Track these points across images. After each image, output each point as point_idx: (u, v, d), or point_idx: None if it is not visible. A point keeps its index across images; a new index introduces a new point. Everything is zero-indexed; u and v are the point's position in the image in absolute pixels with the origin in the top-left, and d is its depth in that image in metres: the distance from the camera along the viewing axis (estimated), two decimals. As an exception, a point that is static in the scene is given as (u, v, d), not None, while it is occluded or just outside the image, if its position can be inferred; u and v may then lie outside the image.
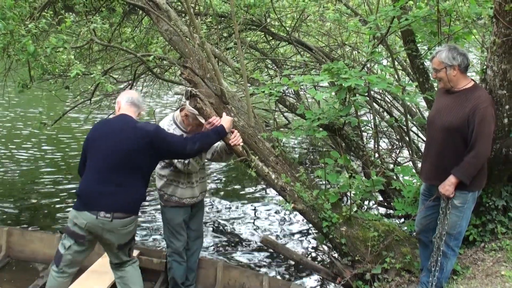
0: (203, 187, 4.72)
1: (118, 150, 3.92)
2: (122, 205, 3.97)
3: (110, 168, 3.94)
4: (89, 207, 3.92)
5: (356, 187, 4.74)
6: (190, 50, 4.77)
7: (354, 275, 4.56)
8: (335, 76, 4.47)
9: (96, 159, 3.99)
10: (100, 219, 3.91)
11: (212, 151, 4.54)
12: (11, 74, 7.19)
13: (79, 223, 3.95)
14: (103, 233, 4.00)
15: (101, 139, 3.99)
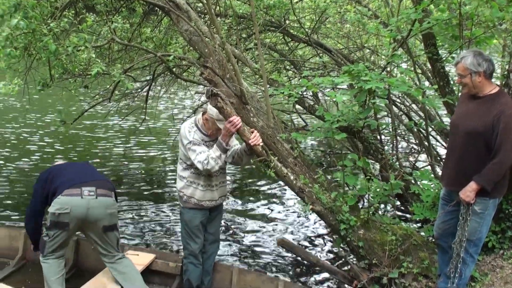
0: (223, 191, 4.70)
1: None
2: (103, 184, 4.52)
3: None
4: (72, 189, 4.34)
5: (374, 190, 4.72)
6: (210, 50, 4.77)
7: (371, 278, 4.52)
8: (355, 78, 4.45)
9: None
10: (85, 198, 4.30)
11: (232, 153, 4.53)
12: (32, 73, 7.27)
13: (63, 211, 4.27)
14: (88, 214, 4.34)
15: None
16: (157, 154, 10.35)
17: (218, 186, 4.62)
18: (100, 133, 11.38)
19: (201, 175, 4.50)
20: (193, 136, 4.41)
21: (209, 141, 4.43)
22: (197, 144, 4.37)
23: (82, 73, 7.21)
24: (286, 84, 5.22)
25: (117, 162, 9.62)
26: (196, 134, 4.41)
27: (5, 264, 5.30)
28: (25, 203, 7.24)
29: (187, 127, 4.47)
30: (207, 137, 4.44)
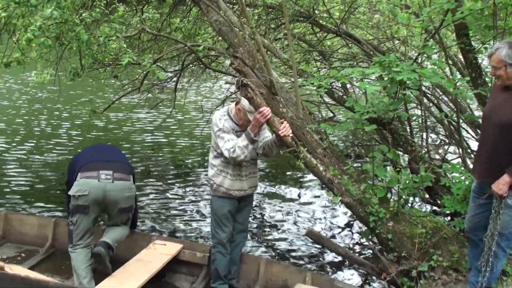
0: (253, 182, 4.71)
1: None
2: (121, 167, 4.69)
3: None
4: (90, 172, 4.53)
5: (404, 182, 4.68)
6: (240, 40, 4.77)
7: (400, 271, 4.49)
8: (386, 69, 4.40)
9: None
10: (101, 181, 4.45)
11: (263, 144, 4.53)
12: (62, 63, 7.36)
13: (82, 193, 4.43)
14: (105, 196, 4.51)
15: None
16: (185, 145, 10.41)
17: (248, 177, 4.63)
18: (128, 125, 11.49)
19: (230, 164, 4.52)
20: (223, 124, 4.45)
21: (239, 131, 4.45)
22: (226, 132, 4.41)
23: (112, 63, 7.27)
24: (316, 75, 5.19)
25: (146, 154, 9.70)
26: (226, 123, 4.45)
27: (35, 252, 5.40)
28: (53, 193, 7.38)
29: (218, 115, 4.52)
30: (238, 127, 4.47)
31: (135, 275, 4.57)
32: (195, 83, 10.56)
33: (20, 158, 8.90)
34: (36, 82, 7.00)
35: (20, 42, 6.55)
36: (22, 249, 5.49)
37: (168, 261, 4.94)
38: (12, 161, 8.69)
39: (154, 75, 5.23)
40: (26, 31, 5.24)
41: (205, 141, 10.27)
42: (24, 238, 5.56)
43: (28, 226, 5.58)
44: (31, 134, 10.39)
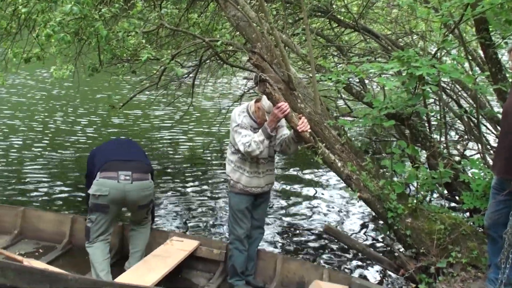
0: (270, 179, 4.73)
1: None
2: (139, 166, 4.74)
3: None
4: (109, 172, 4.58)
5: (423, 178, 4.65)
6: (258, 35, 4.76)
7: (418, 268, 4.47)
8: (405, 64, 4.37)
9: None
10: (121, 182, 4.52)
11: (281, 142, 4.54)
12: (81, 59, 7.42)
13: (102, 193, 4.51)
14: (125, 196, 4.58)
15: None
16: (203, 142, 10.43)
17: (265, 174, 4.64)
18: (145, 122, 11.55)
19: (247, 161, 4.54)
20: (241, 120, 4.47)
21: (257, 128, 4.45)
22: (244, 128, 4.44)
23: (130, 58, 7.31)
24: (334, 70, 5.16)
25: (163, 151, 9.75)
26: (245, 119, 4.48)
27: (53, 248, 5.46)
28: (71, 189, 7.44)
29: (238, 111, 4.55)
30: (256, 124, 4.49)
31: (154, 269, 4.61)
32: (212, 79, 10.58)
33: (37, 155, 9.01)
34: (55, 78, 7.08)
35: (39, 37, 6.63)
36: (40, 245, 5.55)
37: (185, 257, 4.96)
38: (30, 158, 8.80)
39: (173, 70, 5.23)
40: (46, 26, 5.28)
41: (222, 138, 10.30)
42: (41, 234, 5.62)
43: (45, 222, 5.64)
44: (48, 131, 10.50)
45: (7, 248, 5.34)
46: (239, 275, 4.81)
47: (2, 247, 5.30)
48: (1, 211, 5.71)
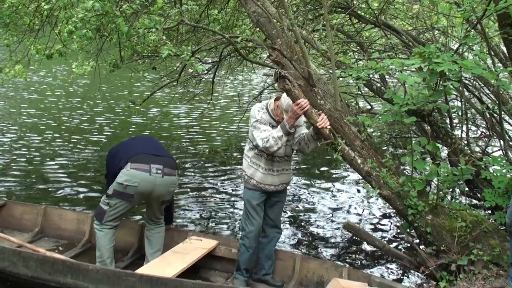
0: (285, 178, 4.72)
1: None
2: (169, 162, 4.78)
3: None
4: (141, 164, 4.60)
5: (444, 175, 4.60)
6: (278, 32, 4.76)
7: (439, 265, 4.43)
8: (426, 60, 4.33)
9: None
10: (152, 175, 4.55)
11: (299, 140, 4.54)
12: (102, 55, 7.48)
13: (131, 183, 4.53)
14: (153, 190, 4.63)
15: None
16: (222, 139, 10.46)
17: (280, 172, 4.64)
18: (164, 120, 11.60)
19: (263, 157, 4.55)
20: (261, 116, 4.49)
21: (275, 126, 4.46)
22: (263, 123, 4.46)
23: (150, 54, 7.35)
24: (354, 66, 5.14)
25: (182, 149, 9.79)
26: (264, 115, 4.49)
27: (72, 246, 5.53)
28: (90, 189, 7.50)
29: (257, 108, 4.57)
30: (274, 122, 4.50)
31: (173, 265, 4.66)
32: (232, 76, 10.59)
33: (57, 154, 9.11)
34: (77, 74, 7.14)
35: (61, 34, 6.70)
36: (59, 243, 5.63)
37: (204, 255, 4.99)
38: (50, 156, 8.90)
39: (193, 67, 5.26)
40: (68, 23, 5.33)
41: (242, 139, 10.29)
42: (61, 233, 5.70)
43: (66, 221, 5.72)
44: (67, 129, 10.58)
45: None
46: (241, 271, 4.83)
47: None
48: (23, 209, 5.81)
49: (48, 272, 4.46)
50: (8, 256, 4.58)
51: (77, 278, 4.37)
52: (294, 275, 4.92)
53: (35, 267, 4.50)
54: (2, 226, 5.75)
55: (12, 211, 5.83)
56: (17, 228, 5.76)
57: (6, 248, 4.66)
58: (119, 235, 5.02)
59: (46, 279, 4.48)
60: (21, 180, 7.77)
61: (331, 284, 4.43)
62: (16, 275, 4.59)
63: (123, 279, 4.25)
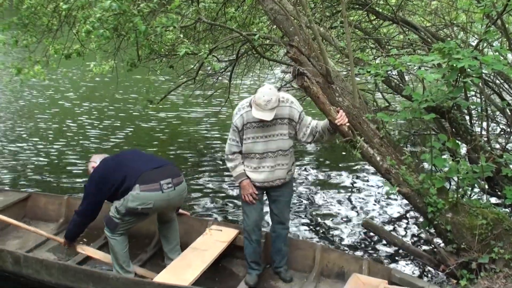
0: (281, 173, 4.59)
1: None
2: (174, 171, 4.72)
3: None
4: (150, 185, 4.46)
5: (464, 172, 4.55)
6: (296, 29, 4.75)
7: (459, 263, 4.39)
8: (446, 56, 4.28)
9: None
10: (165, 192, 4.47)
11: (312, 132, 4.49)
12: (119, 54, 7.53)
13: (146, 206, 4.45)
14: (168, 204, 4.63)
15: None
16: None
17: (275, 168, 4.54)
18: (184, 114, 11.63)
19: (247, 157, 4.55)
20: (235, 120, 4.46)
21: (257, 122, 4.41)
22: (234, 130, 4.47)
23: (168, 53, 7.37)
24: (372, 63, 5.10)
25: (201, 141, 9.83)
26: (246, 115, 4.41)
27: (98, 235, 5.58)
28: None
29: (238, 107, 4.53)
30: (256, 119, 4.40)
31: (192, 265, 4.65)
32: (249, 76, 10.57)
33: (77, 145, 9.23)
34: (95, 73, 7.20)
35: (79, 34, 6.75)
36: (85, 233, 5.64)
37: (225, 247, 5.01)
38: (71, 148, 9.00)
39: (210, 65, 5.26)
40: (86, 23, 5.38)
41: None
42: None
43: None
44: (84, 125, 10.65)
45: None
46: (249, 264, 4.85)
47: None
48: (47, 200, 5.94)
49: (70, 280, 4.55)
50: (31, 264, 4.69)
51: (98, 285, 4.44)
52: (314, 265, 4.93)
53: (57, 274, 4.60)
54: (29, 217, 5.93)
55: (36, 203, 5.95)
56: (43, 218, 5.90)
57: (29, 256, 4.79)
58: (141, 224, 4.97)
59: (69, 286, 4.57)
60: (42, 172, 7.91)
61: (351, 279, 4.40)
62: (41, 281, 4.71)
63: (142, 287, 4.32)
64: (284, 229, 4.88)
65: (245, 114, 4.42)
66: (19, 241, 5.51)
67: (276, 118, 4.36)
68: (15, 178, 7.66)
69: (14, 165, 8.20)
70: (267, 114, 4.22)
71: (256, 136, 4.45)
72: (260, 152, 4.48)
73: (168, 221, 4.99)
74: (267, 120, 4.26)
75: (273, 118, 4.32)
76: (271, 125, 4.41)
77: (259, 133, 4.44)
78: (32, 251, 5.22)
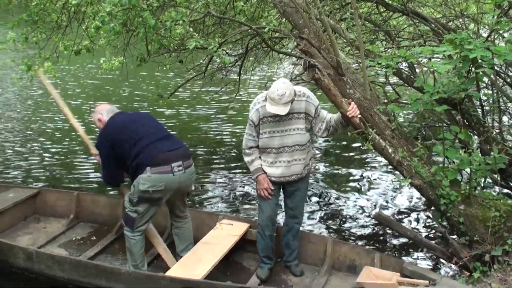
0: (298, 168, 4.56)
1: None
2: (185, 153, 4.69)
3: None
4: (161, 167, 4.43)
5: (476, 164, 4.52)
6: (305, 21, 4.72)
7: (472, 256, 4.37)
8: (458, 47, 4.25)
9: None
10: (176, 174, 4.45)
11: (326, 125, 4.47)
12: (129, 49, 7.54)
13: (157, 188, 4.41)
14: (179, 187, 4.59)
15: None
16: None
17: (292, 163, 4.52)
18: (192, 111, 11.63)
19: (266, 151, 4.53)
20: (251, 114, 4.46)
21: (273, 117, 4.39)
22: (250, 125, 4.47)
23: (177, 48, 7.37)
24: (382, 55, 5.07)
25: (211, 135, 9.83)
26: (262, 109, 4.39)
27: (107, 231, 5.61)
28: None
29: (254, 101, 4.52)
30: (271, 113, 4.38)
31: (203, 260, 4.66)
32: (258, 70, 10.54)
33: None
34: (105, 69, 7.21)
35: (89, 30, 6.76)
36: (94, 229, 5.72)
37: (236, 241, 5.01)
38: (80, 145, 9.02)
39: (220, 59, 5.26)
40: (95, 18, 5.38)
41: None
42: (96, 218, 5.80)
43: (99, 206, 5.81)
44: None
45: (65, 232, 5.62)
46: (261, 258, 4.86)
47: (60, 231, 5.60)
48: (56, 196, 5.96)
49: (83, 275, 4.57)
50: (44, 259, 4.72)
51: (110, 281, 4.46)
52: (326, 259, 4.92)
53: (69, 270, 4.62)
54: (39, 214, 5.95)
55: (46, 199, 5.97)
56: (53, 215, 5.91)
57: (41, 252, 4.82)
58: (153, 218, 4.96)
59: (81, 281, 4.60)
60: (52, 170, 7.97)
61: (363, 272, 4.39)
62: (53, 277, 4.73)
63: (155, 281, 4.33)
64: (298, 223, 4.87)
65: (260, 109, 4.40)
66: (30, 237, 5.53)
67: (292, 113, 4.35)
68: (25, 176, 7.70)
69: (24, 163, 8.24)
70: (281, 108, 4.18)
71: (273, 131, 4.43)
72: (276, 146, 4.46)
73: (181, 216, 4.97)
74: (282, 114, 4.22)
75: (289, 113, 4.30)
76: (288, 120, 4.39)
77: (276, 128, 4.42)
78: (44, 247, 5.25)
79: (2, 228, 5.54)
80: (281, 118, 4.36)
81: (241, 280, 4.74)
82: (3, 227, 5.56)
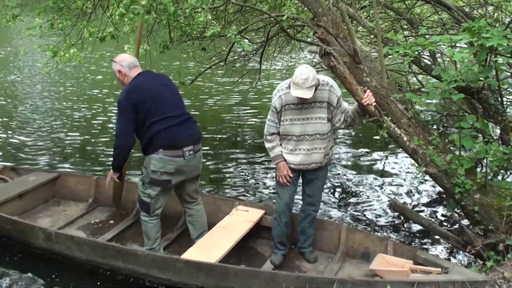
0: (317, 157, 4.60)
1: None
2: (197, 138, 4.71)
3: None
4: (174, 151, 4.50)
5: (493, 153, 4.50)
6: (324, 9, 4.74)
7: (486, 244, 4.37)
8: (475, 36, 4.23)
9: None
10: (186, 158, 4.52)
11: (345, 117, 4.50)
12: (152, 37, 7.64)
13: (168, 170, 4.48)
14: (189, 171, 4.66)
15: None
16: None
17: (312, 151, 4.56)
18: (213, 98, 11.71)
19: (284, 139, 4.59)
20: (274, 101, 4.50)
21: (297, 104, 4.44)
22: (272, 111, 4.52)
23: (199, 35, 7.44)
24: (402, 43, 5.06)
25: (230, 124, 9.90)
26: (284, 97, 4.44)
27: (126, 215, 5.77)
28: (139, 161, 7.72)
29: (278, 88, 4.55)
30: (297, 99, 4.42)
31: (219, 244, 4.74)
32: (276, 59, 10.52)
33: (104, 129, 9.47)
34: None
35: (113, 17, 6.87)
36: (112, 212, 5.87)
37: (251, 227, 5.09)
38: (101, 131, 9.22)
39: (240, 45, 5.30)
40: (119, 6, 5.47)
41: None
42: None
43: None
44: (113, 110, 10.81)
45: (83, 216, 5.79)
46: (276, 244, 4.93)
47: (79, 214, 5.76)
48: (76, 180, 6.12)
49: (101, 256, 4.70)
50: (62, 240, 4.86)
51: (127, 262, 4.59)
52: (340, 246, 4.97)
53: (88, 250, 4.75)
54: (58, 197, 6.13)
55: (66, 183, 6.14)
56: (72, 198, 6.09)
57: (60, 233, 4.97)
58: (168, 204, 5.00)
59: (99, 262, 4.75)
60: (74, 155, 8.17)
61: (377, 259, 4.43)
62: (71, 258, 4.88)
63: (170, 264, 4.44)
64: (314, 211, 4.92)
65: (283, 96, 4.45)
66: (50, 219, 5.71)
67: (315, 101, 4.40)
68: (47, 160, 7.88)
69: (46, 148, 8.45)
70: (306, 92, 4.20)
71: (294, 118, 4.48)
72: (297, 134, 4.51)
73: (194, 201, 5.02)
74: (306, 98, 4.24)
75: (312, 101, 4.37)
76: (310, 108, 4.44)
77: (297, 115, 4.47)
78: (63, 229, 5.39)
79: (23, 210, 5.73)
80: (303, 106, 4.41)
81: (255, 265, 4.80)
82: (25, 209, 5.75)
